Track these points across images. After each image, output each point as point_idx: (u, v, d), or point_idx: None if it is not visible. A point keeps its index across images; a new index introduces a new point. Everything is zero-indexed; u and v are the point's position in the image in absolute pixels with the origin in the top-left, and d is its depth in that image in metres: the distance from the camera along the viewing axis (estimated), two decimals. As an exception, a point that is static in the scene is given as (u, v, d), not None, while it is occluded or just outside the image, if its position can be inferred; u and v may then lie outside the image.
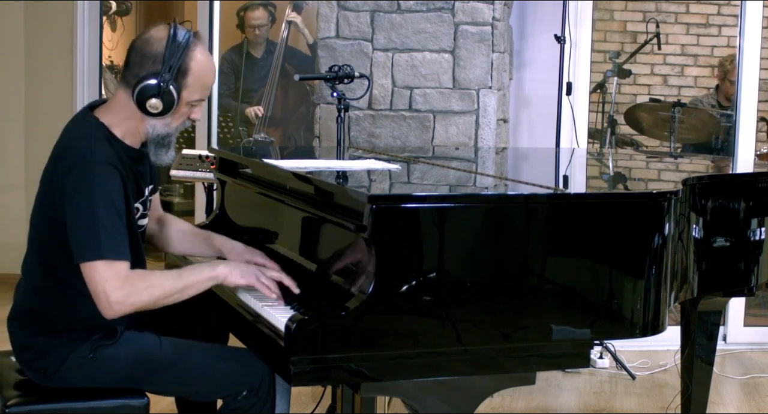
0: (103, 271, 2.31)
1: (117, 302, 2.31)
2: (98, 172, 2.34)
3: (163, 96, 2.39)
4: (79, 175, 2.34)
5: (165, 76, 2.38)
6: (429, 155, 3.67)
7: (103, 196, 2.33)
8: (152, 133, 2.47)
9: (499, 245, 2.28)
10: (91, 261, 2.32)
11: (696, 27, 7.12)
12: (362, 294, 2.17)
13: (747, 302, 5.22)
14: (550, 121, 4.75)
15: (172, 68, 2.39)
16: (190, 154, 4.17)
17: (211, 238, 2.82)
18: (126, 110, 2.46)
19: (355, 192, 2.32)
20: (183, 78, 2.41)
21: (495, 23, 4.36)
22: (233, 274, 2.45)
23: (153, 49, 2.40)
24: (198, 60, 2.44)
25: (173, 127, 2.49)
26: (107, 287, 2.31)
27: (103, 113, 2.48)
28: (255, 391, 2.50)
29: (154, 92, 2.39)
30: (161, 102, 2.40)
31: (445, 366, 2.25)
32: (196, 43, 2.44)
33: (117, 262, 2.33)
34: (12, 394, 2.47)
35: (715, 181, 2.98)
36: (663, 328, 2.45)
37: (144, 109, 2.41)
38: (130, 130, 2.48)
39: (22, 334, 2.51)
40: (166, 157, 2.53)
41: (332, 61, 4.24)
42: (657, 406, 4.19)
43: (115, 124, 2.46)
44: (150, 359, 2.49)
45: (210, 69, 2.49)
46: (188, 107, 2.48)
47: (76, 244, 2.34)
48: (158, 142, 2.49)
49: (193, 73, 2.43)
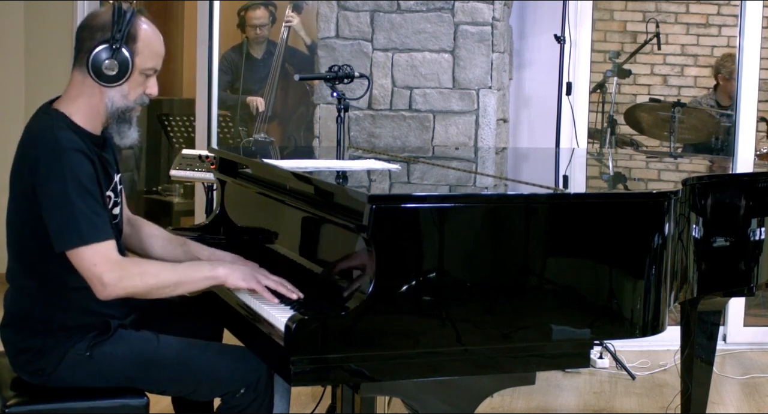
0: (90, 255, 2.33)
1: (110, 284, 2.33)
2: (66, 159, 2.36)
3: (117, 57, 2.43)
4: (48, 164, 2.36)
5: (116, 37, 2.43)
6: (429, 155, 3.67)
7: (74, 181, 2.35)
8: (111, 107, 2.49)
9: (499, 245, 2.28)
10: (75, 247, 2.33)
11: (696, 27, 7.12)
12: (362, 294, 2.17)
13: (747, 302, 5.22)
14: (550, 121, 4.75)
15: (122, 32, 2.43)
16: (190, 154, 4.16)
17: (188, 244, 2.79)
18: (83, 91, 2.49)
19: (355, 192, 2.32)
20: (133, 43, 2.46)
21: (495, 23, 4.36)
22: (234, 276, 2.45)
23: (100, 21, 2.46)
24: (144, 28, 2.49)
25: (131, 99, 2.51)
26: (97, 270, 2.33)
27: (62, 104, 2.51)
28: (253, 388, 2.50)
29: (108, 55, 2.43)
30: (116, 62, 2.43)
31: (445, 366, 2.25)
32: (140, 15, 2.50)
33: (101, 244, 2.34)
34: (11, 395, 2.47)
35: (714, 181, 2.98)
36: (663, 328, 2.45)
37: (100, 75, 2.43)
38: (90, 114, 2.49)
39: (18, 339, 2.50)
40: (129, 134, 2.55)
41: (332, 61, 4.24)
42: (657, 406, 4.19)
43: (74, 111, 2.48)
44: (148, 358, 2.49)
45: (158, 37, 2.53)
46: (143, 77, 2.50)
47: (56, 232, 2.35)
48: (119, 117, 2.51)
49: (142, 39, 2.47)
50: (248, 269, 2.51)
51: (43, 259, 2.44)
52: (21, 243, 2.49)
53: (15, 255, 2.52)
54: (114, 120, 2.52)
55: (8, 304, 2.55)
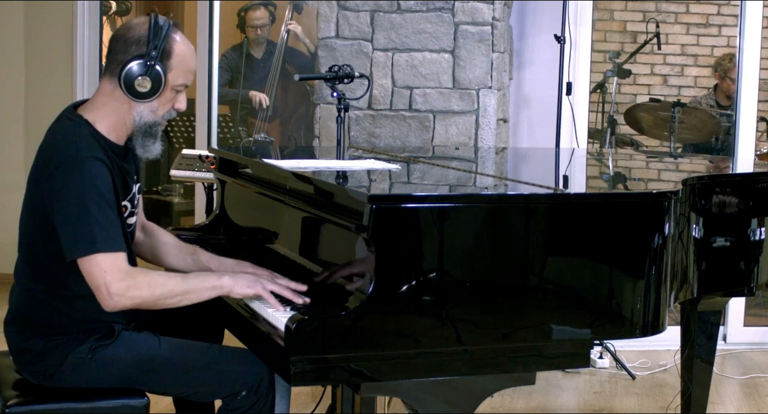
0: (100, 263, 2.31)
1: (117, 294, 2.31)
2: (86, 168, 2.34)
3: (151, 74, 2.40)
4: (67, 172, 2.34)
5: (151, 54, 2.40)
6: (429, 155, 3.66)
7: (92, 190, 2.33)
8: (139, 121, 2.47)
9: (499, 245, 2.28)
10: (87, 255, 2.31)
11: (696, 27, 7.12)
12: (362, 294, 2.17)
13: (747, 302, 5.22)
14: (550, 121, 4.75)
15: (158, 48, 2.41)
16: (190, 154, 4.16)
17: (198, 253, 2.78)
18: (111, 102, 2.46)
19: (355, 192, 2.32)
20: (167, 60, 2.43)
21: (495, 23, 4.36)
22: (239, 285, 2.44)
23: (136, 34, 2.42)
24: (179, 43, 2.46)
25: (160, 114, 2.48)
26: (107, 279, 2.31)
27: (87, 110, 2.48)
28: (254, 391, 2.50)
29: (141, 71, 2.40)
30: (149, 79, 2.40)
31: (445, 366, 2.25)
32: (176, 29, 2.48)
33: (114, 254, 2.32)
34: (12, 395, 2.47)
35: (715, 181, 2.98)
36: (663, 328, 2.45)
37: (131, 90, 2.41)
38: (115, 124, 2.47)
39: (20, 339, 2.50)
40: (153, 148, 2.52)
41: (332, 61, 4.24)
42: (657, 406, 4.19)
43: (99, 119, 2.45)
44: (149, 360, 2.48)
45: (191, 53, 2.51)
46: (173, 93, 2.48)
47: (69, 240, 2.33)
48: (145, 132, 2.49)
49: (176, 55, 2.45)
50: (252, 276, 2.50)
51: (52, 265, 2.43)
52: (32, 246, 2.49)
53: (25, 257, 2.52)
54: (140, 134, 2.49)
55: (13, 302, 2.55)
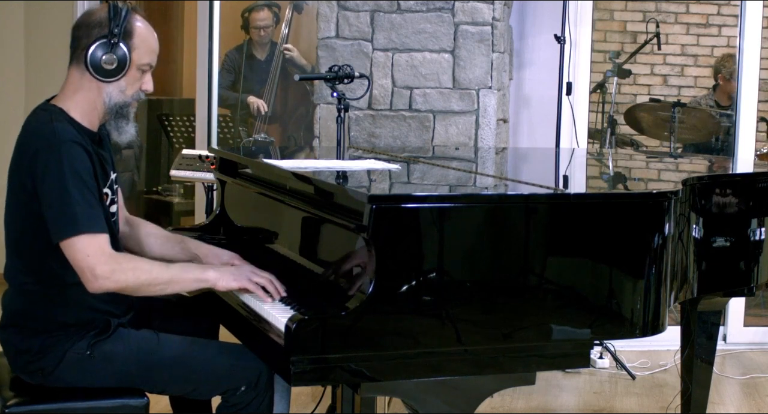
0: (84, 246, 2.34)
1: (102, 276, 2.34)
2: (64, 151, 2.38)
3: (116, 53, 2.46)
4: (46, 157, 2.37)
5: (114, 32, 2.45)
6: (429, 155, 3.66)
7: (72, 173, 2.36)
8: (109, 103, 2.51)
9: (499, 245, 2.28)
10: (70, 237, 2.34)
11: (696, 27, 7.12)
12: (362, 294, 2.17)
13: (747, 302, 5.22)
14: (550, 121, 4.75)
15: (119, 28, 2.46)
16: (190, 154, 4.16)
17: (185, 241, 2.81)
18: (80, 88, 2.50)
19: (355, 192, 2.32)
20: (130, 39, 2.49)
21: (495, 23, 4.36)
22: (224, 278, 2.47)
23: (97, 18, 2.49)
24: (140, 25, 2.53)
25: (129, 95, 2.53)
26: (90, 261, 2.33)
27: (59, 100, 2.53)
28: (254, 386, 2.50)
29: (106, 50, 2.45)
30: (114, 57, 2.46)
31: (445, 366, 2.25)
32: (134, 12, 2.53)
33: (96, 235, 2.35)
34: (11, 395, 2.47)
35: (715, 181, 2.98)
36: (663, 328, 2.45)
37: (99, 70, 2.46)
38: (87, 109, 2.51)
39: (18, 340, 2.50)
40: (127, 129, 2.57)
41: (332, 61, 4.24)
42: (657, 406, 4.19)
43: (72, 107, 2.50)
44: (148, 357, 2.49)
45: (152, 34, 2.56)
46: (139, 72, 2.53)
47: (53, 224, 2.36)
48: (117, 113, 2.53)
49: (138, 35, 2.50)
50: (238, 269, 2.53)
51: (41, 255, 2.45)
52: (19, 239, 2.50)
53: (13, 251, 2.53)
54: (112, 116, 2.53)
55: (6, 303, 2.55)
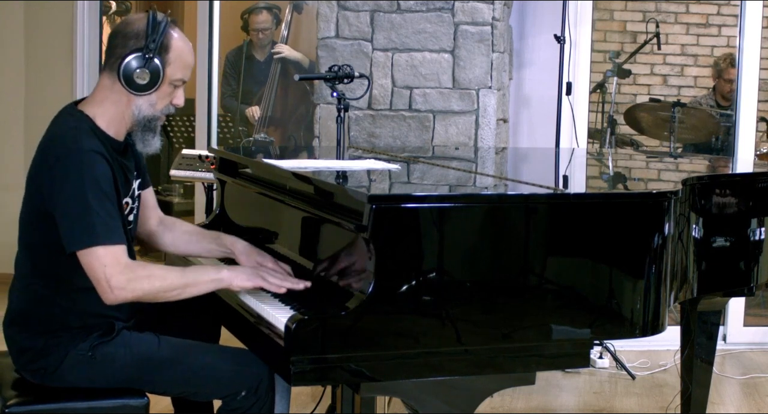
0: (101, 256, 2.33)
1: (118, 287, 2.33)
2: (85, 161, 2.36)
3: (149, 67, 2.43)
4: (67, 165, 2.36)
5: (150, 47, 2.43)
6: (429, 155, 3.66)
7: (92, 183, 2.35)
8: (138, 115, 2.49)
9: (499, 245, 2.28)
10: (87, 247, 2.33)
11: (696, 27, 7.12)
12: (362, 294, 2.17)
13: (747, 302, 5.22)
14: (550, 121, 4.75)
15: (156, 42, 2.44)
16: (190, 154, 4.16)
17: (221, 237, 2.81)
18: (110, 96, 2.48)
19: (355, 192, 2.32)
20: (165, 54, 2.46)
21: (495, 23, 4.36)
22: (239, 278, 2.46)
23: (135, 29, 2.46)
24: (177, 38, 2.50)
25: (158, 109, 2.51)
26: (107, 272, 2.32)
27: (87, 106, 2.51)
28: (254, 391, 2.50)
29: (140, 64, 2.43)
30: (147, 72, 2.43)
31: (445, 366, 2.25)
32: (173, 25, 2.51)
33: (114, 247, 2.34)
34: (12, 394, 2.47)
35: (714, 181, 2.98)
36: (663, 328, 2.45)
37: (130, 83, 2.44)
38: (115, 118, 2.49)
39: (21, 338, 2.50)
40: (152, 142, 2.55)
41: (332, 61, 4.24)
42: (657, 406, 4.19)
43: (99, 114, 2.48)
44: (149, 359, 2.49)
45: (189, 49, 2.54)
46: (171, 87, 2.51)
47: (69, 233, 2.35)
48: (144, 126, 2.51)
49: (174, 50, 2.48)
50: (251, 269, 2.53)
51: (53, 259, 2.44)
52: (32, 240, 2.50)
53: (25, 250, 2.53)
54: (139, 128, 2.52)
55: (13, 300, 2.55)
